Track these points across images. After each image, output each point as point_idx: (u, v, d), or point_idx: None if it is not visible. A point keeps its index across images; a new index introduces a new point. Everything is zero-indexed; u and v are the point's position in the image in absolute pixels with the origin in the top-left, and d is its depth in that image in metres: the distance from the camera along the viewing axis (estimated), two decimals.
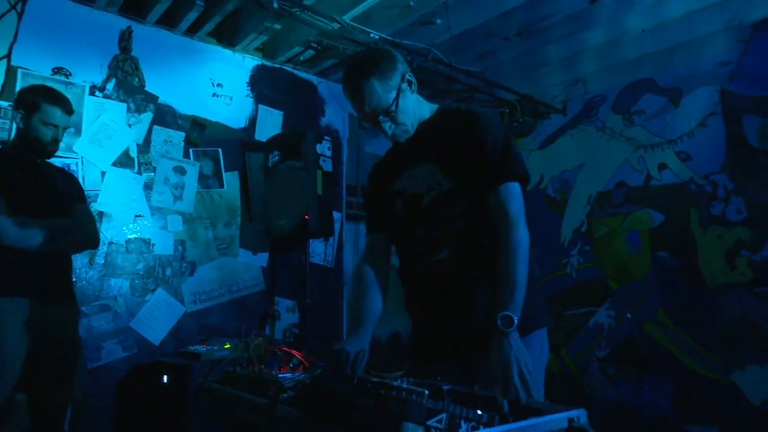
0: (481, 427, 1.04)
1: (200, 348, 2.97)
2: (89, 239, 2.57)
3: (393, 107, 1.62)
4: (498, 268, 1.52)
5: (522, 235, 1.56)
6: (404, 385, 1.08)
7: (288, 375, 1.50)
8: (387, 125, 1.66)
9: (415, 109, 1.70)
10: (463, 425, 1.02)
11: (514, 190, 1.60)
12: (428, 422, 0.97)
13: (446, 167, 1.64)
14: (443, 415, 1.00)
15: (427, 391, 1.05)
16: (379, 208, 1.84)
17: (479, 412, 1.07)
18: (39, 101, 2.40)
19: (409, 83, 1.66)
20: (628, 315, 4.50)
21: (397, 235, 1.79)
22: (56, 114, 2.43)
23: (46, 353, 2.37)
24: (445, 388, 1.24)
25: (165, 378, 2.91)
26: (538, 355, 1.60)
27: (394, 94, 1.62)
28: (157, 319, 3.43)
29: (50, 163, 2.62)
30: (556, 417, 1.15)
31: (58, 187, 2.52)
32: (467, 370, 1.47)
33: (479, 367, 1.48)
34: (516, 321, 1.42)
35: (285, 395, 1.30)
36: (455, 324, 1.58)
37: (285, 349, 1.64)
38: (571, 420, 1.16)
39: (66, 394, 2.47)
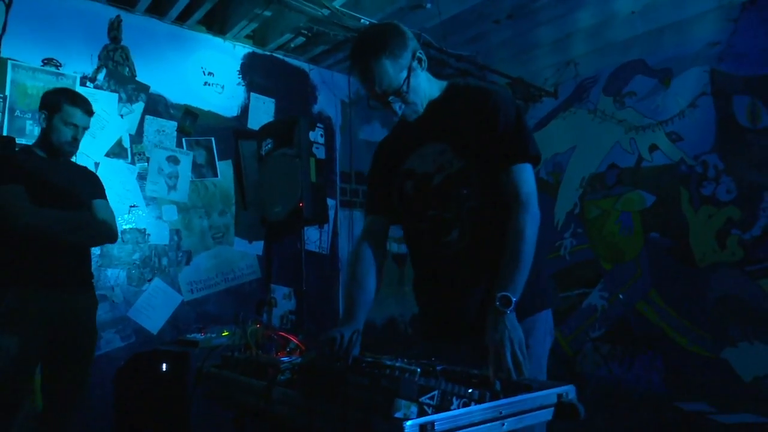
0: (473, 403, 1.08)
1: (198, 336, 3.01)
2: (107, 233, 2.64)
3: (404, 87, 1.55)
4: (504, 248, 1.50)
5: (531, 217, 1.52)
6: (397, 364, 1.11)
7: (285, 359, 1.53)
8: (397, 105, 1.60)
9: (425, 87, 1.63)
10: (455, 401, 1.06)
11: (526, 171, 1.56)
12: (420, 399, 1.01)
13: (456, 146, 1.59)
14: (435, 392, 1.03)
15: (419, 369, 1.08)
16: (382, 190, 1.79)
17: (470, 390, 1.10)
18: (61, 102, 2.50)
19: (420, 61, 1.59)
20: (621, 296, 4.56)
21: (406, 216, 1.74)
22: (77, 114, 2.53)
23: (65, 342, 2.45)
24: (438, 368, 1.28)
25: (164, 366, 2.94)
26: (542, 336, 1.59)
27: (405, 74, 1.55)
28: (155, 308, 3.45)
29: (73, 162, 2.73)
30: (545, 393, 1.19)
31: (78, 183, 2.61)
32: (476, 350, 1.45)
33: (480, 354, 1.45)
34: (514, 302, 1.41)
35: (282, 377, 1.33)
36: (464, 304, 1.56)
37: (281, 333, 1.67)
38: (560, 395, 1.20)
39: (83, 382, 2.55)
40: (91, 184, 2.70)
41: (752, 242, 3.92)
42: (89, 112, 2.59)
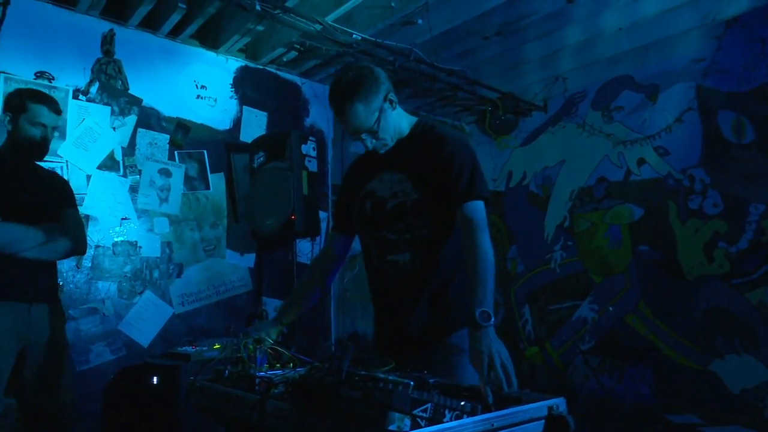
0: (465, 416, 1.09)
1: (189, 349, 2.99)
2: (77, 245, 2.56)
3: (375, 127, 1.75)
4: (469, 269, 1.63)
5: (487, 240, 1.67)
6: (390, 377, 1.13)
7: (278, 372, 1.54)
8: (368, 141, 1.80)
9: (395, 124, 1.83)
10: (448, 414, 1.07)
11: (478, 206, 1.72)
12: (414, 411, 1.02)
13: (414, 178, 1.79)
14: (428, 405, 1.05)
15: (412, 382, 1.10)
16: (347, 210, 1.99)
17: (462, 402, 1.12)
18: (25, 102, 2.43)
19: (391, 102, 1.78)
20: (611, 308, 4.60)
21: (361, 233, 1.94)
22: (43, 113, 2.45)
23: (33, 357, 2.38)
24: (430, 381, 1.29)
25: (154, 379, 2.92)
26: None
27: (376, 116, 1.74)
28: (146, 321, 3.44)
29: (42, 167, 2.63)
30: (536, 405, 1.21)
31: (48, 192, 2.54)
32: (421, 365, 1.55)
33: (431, 360, 1.63)
34: (493, 316, 1.51)
35: (275, 391, 1.34)
36: (409, 322, 1.72)
37: (274, 347, 1.68)
38: (550, 408, 1.22)
39: (54, 397, 2.47)
40: (60, 192, 2.62)
41: (738, 255, 3.97)
42: (57, 111, 2.52)
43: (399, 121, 1.86)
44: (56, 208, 2.52)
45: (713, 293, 4.07)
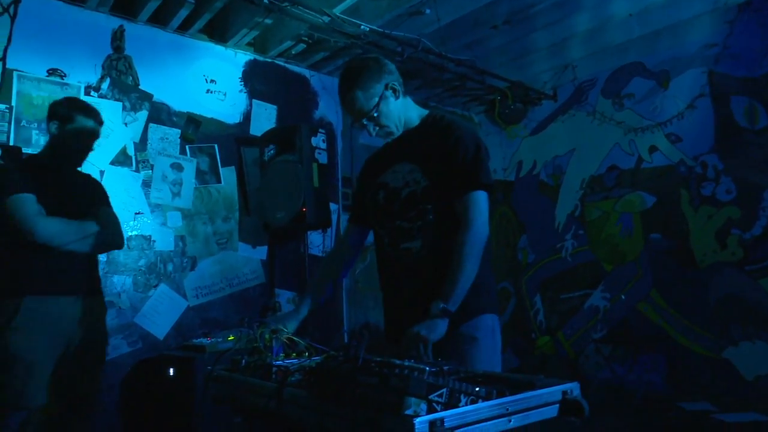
0: (480, 400, 1.10)
1: (204, 340, 3.03)
2: (114, 240, 2.69)
3: (374, 112, 1.82)
4: (449, 262, 1.70)
5: (472, 235, 1.72)
6: (406, 363, 1.14)
7: (294, 361, 1.56)
8: (371, 127, 1.86)
9: (400, 113, 1.88)
10: (463, 399, 1.08)
11: (478, 197, 1.77)
12: (430, 396, 1.03)
13: (424, 168, 1.84)
14: (444, 390, 1.06)
15: (428, 368, 1.11)
16: (363, 201, 2.04)
17: (477, 387, 1.13)
18: (73, 114, 2.54)
19: (394, 90, 1.85)
20: (623, 297, 4.59)
21: (376, 223, 1.98)
22: (87, 122, 2.58)
23: (76, 347, 2.48)
24: (445, 367, 1.31)
25: (171, 371, 2.96)
26: (490, 334, 1.79)
27: (375, 101, 1.81)
28: (161, 314, 3.48)
29: (78, 171, 2.75)
30: (550, 390, 1.21)
31: (86, 192, 2.66)
32: (434, 354, 1.61)
33: (442, 348, 1.63)
34: (451, 313, 1.64)
35: (292, 378, 1.35)
36: (420, 307, 1.73)
37: (290, 337, 1.70)
38: (564, 392, 1.23)
39: (94, 385, 2.60)
40: (96, 193, 2.74)
41: (752, 242, 3.95)
42: (100, 123, 2.64)
43: (406, 112, 1.91)
44: (93, 207, 2.65)
45: (726, 280, 4.05)
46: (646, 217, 4.53)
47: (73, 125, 2.53)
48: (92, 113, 2.61)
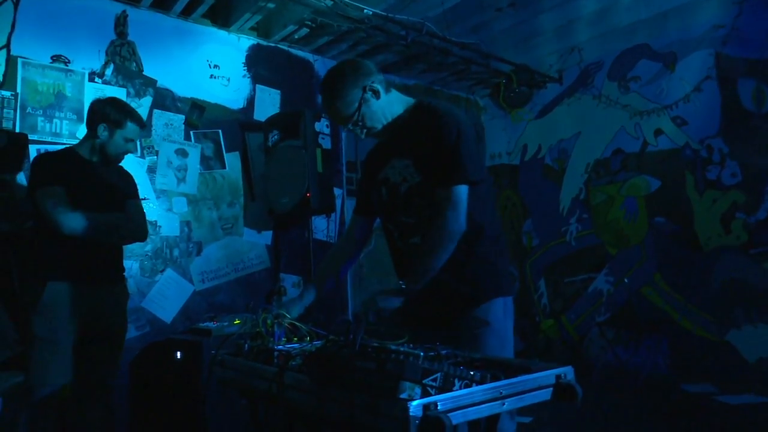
0: (474, 384, 1.13)
1: (210, 324, 3.08)
2: (139, 232, 2.82)
3: (356, 117, 1.83)
4: (425, 244, 1.75)
5: (443, 232, 1.71)
6: (402, 349, 1.17)
7: (295, 345, 1.59)
8: (357, 130, 1.88)
9: (385, 111, 1.87)
10: (457, 383, 1.11)
11: (455, 192, 1.73)
12: (424, 381, 1.06)
13: (417, 162, 1.83)
14: (438, 375, 1.09)
15: (422, 353, 1.14)
16: (366, 194, 2.07)
17: (472, 372, 1.16)
18: (125, 120, 2.67)
19: (374, 92, 1.83)
20: (626, 280, 4.60)
21: (382, 217, 2.02)
22: (137, 131, 2.76)
23: (98, 331, 2.62)
24: (443, 352, 1.33)
25: (178, 354, 3.02)
26: (501, 317, 1.81)
27: (355, 106, 1.82)
28: (168, 298, 3.53)
29: None
30: (544, 374, 1.24)
31: (115, 185, 2.77)
32: (445, 337, 1.61)
33: (454, 335, 1.69)
34: (407, 293, 1.68)
35: (293, 363, 1.39)
36: (434, 301, 1.77)
37: (292, 322, 1.73)
38: (558, 376, 1.25)
39: (114, 367, 2.74)
40: (126, 185, 2.86)
41: (757, 226, 3.94)
42: (144, 127, 2.83)
43: (390, 107, 1.89)
44: (122, 199, 2.77)
45: (730, 264, 4.05)
46: (650, 201, 4.52)
47: (123, 132, 2.67)
48: (140, 120, 2.76)
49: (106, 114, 2.65)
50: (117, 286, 2.76)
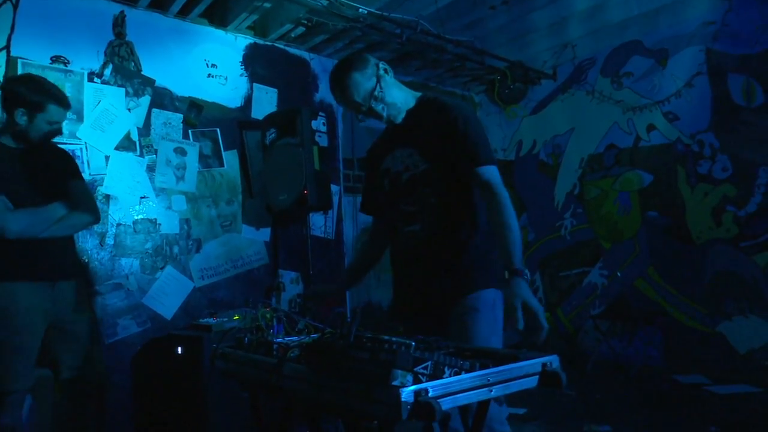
0: (463, 372, 1.19)
1: (210, 320, 3.13)
2: (88, 215, 2.59)
3: (378, 90, 1.86)
4: (499, 227, 1.73)
5: (510, 208, 1.75)
6: (394, 339, 1.23)
7: (294, 338, 1.65)
8: (380, 107, 1.89)
9: (400, 95, 1.93)
10: (447, 371, 1.17)
11: (494, 171, 1.81)
12: (415, 369, 1.12)
13: (422, 150, 1.88)
14: (429, 363, 1.15)
15: (413, 343, 1.20)
16: (371, 190, 2.11)
17: (461, 361, 1.22)
18: (44, 102, 2.40)
19: (386, 70, 1.90)
20: (619, 274, 4.67)
21: (386, 208, 2.05)
22: (60, 112, 2.48)
23: (63, 331, 2.51)
24: (434, 342, 1.39)
25: (179, 349, 3.07)
26: (490, 308, 1.82)
27: (375, 80, 1.87)
28: (168, 295, 3.59)
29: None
30: (530, 362, 1.30)
31: (51, 169, 2.53)
32: (436, 323, 1.73)
33: (445, 321, 1.76)
34: (527, 273, 1.64)
35: (291, 354, 1.45)
36: (427, 290, 1.84)
37: (290, 315, 1.79)
38: (544, 365, 1.31)
39: (87, 367, 2.61)
40: (62, 165, 2.60)
41: (746, 219, 4.01)
42: (69, 106, 2.53)
43: (401, 93, 1.95)
44: (62, 182, 2.52)
45: (721, 257, 4.12)
46: (643, 195, 4.58)
47: (44, 115, 2.40)
48: (62, 100, 2.48)
49: (21, 96, 2.36)
50: (72, 280, 2.56)
